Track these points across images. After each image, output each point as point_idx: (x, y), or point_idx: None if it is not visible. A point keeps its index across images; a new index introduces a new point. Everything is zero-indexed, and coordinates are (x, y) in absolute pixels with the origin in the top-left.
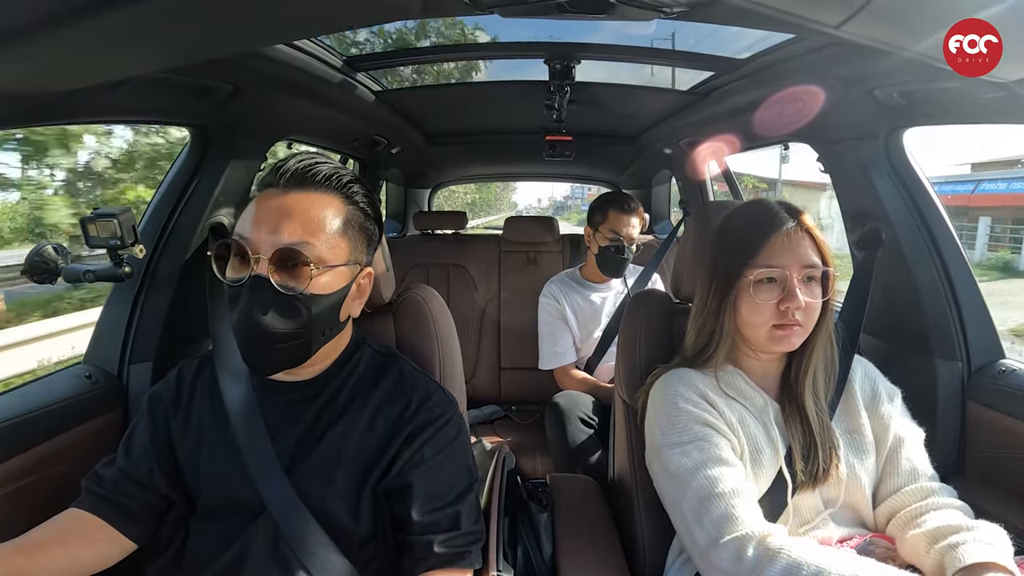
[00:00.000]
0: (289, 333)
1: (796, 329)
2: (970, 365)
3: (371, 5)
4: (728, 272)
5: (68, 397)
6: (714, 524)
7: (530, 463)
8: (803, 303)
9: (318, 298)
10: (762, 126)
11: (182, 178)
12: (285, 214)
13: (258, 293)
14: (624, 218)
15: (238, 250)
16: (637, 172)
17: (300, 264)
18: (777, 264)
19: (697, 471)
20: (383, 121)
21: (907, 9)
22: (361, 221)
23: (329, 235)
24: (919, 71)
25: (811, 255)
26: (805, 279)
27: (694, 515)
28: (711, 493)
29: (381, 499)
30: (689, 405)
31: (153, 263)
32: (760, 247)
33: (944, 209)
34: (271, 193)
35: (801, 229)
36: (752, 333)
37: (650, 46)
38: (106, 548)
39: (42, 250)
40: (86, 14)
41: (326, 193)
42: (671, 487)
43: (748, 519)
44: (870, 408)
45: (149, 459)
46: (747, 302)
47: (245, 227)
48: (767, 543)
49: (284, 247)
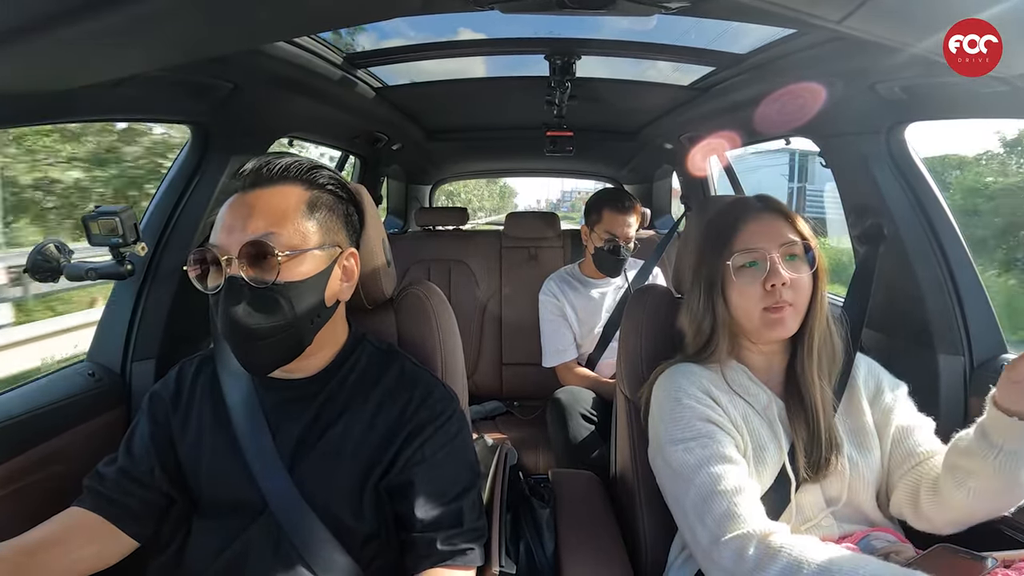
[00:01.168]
0: (273, 327)
1: (788, 310)
2: (972, 360)
3: (371, 1)
4: (710, 264)
5: (71, 395)
6: (716, 522)
7: (532, 459)
8: (787, 278)
9: (294, 286)
10: (763, 121)
11: (183, 176)
12: (248, 212)
13: (235, 293)
14: (619, 218)
15: (211, 257)
16: (638, 167)
17: (268, 255)
18: (754, 246)
19: (700, 468)
20: (383, 118)
21: (909, 5)
22: (330, 203)
23: (295, 222)
24: (921, 66)
25: (787, 233)
26: (786, 257)
27: (696, 513)
28: (713, 491)
29: (383, 496)
30: (692, 401)
31: (155, 261)
32: (735, 233)
33: (947, 204)
34: (235, 198)
35: (771, 210)
36: (746, 321)
37: (650, 41)
38: (107, 546)
39: (44, 248)
40: (87, 13)
41: (286, 184)
42: (673, 484)
43: (750, 517)
44: (874, 403)
45: (150, 458)
46: (734, 290)
47: (215, 235)
48: (768, 542)
49: (249, 241)
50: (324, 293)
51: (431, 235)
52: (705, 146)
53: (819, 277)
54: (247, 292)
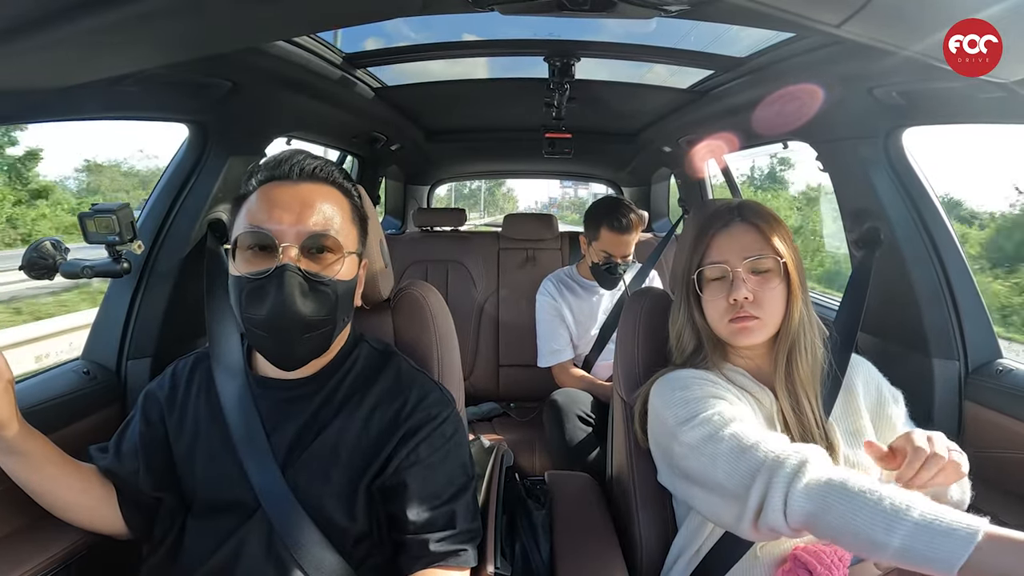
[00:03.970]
0: (320, 320)
1: (753, 322)
2: (967, 364)
3: (371, 1)
4: (685, 275)
5: (66, 393)
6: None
7: (528, 460)
8: (747, 294)
9: (341, 284)
10: (761, 125)
11: (180, 175)
12: (306, 203)
13: (293, 280)
14: (617, 238)
15: (261, 241)
16: (636, 170)
17: (326, 251)
18: (718, 259)
19: (719, 432)
20: (382, 118)
21: (908, 8)
22: (360, 215)
23: (346, 224)
24: (919, 71)
25: (754, 246)
26: (752, 270)
27: (738, 476)
28: (743, 446)
29: (377, 497)
30: (696, 383)
31: (152, 259)
32: (705, 246)
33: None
34: (282, 185)
35: (743, 222)
36: (718, 329)
37: (650, 44)
38: (102, 509)
39: (40, 246)
40: (85, 10)
41: (330, 186)
42: (698, 461)
43: (794, 449)
44: (875, 411)
45: (136, 460)
46: (706, 301)
47: (260, 219)
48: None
49: (313, 234)
50: (354, 297)
51: (429, 236)
52: (703, 149)
53: (791, 291)
54: (303, 282)
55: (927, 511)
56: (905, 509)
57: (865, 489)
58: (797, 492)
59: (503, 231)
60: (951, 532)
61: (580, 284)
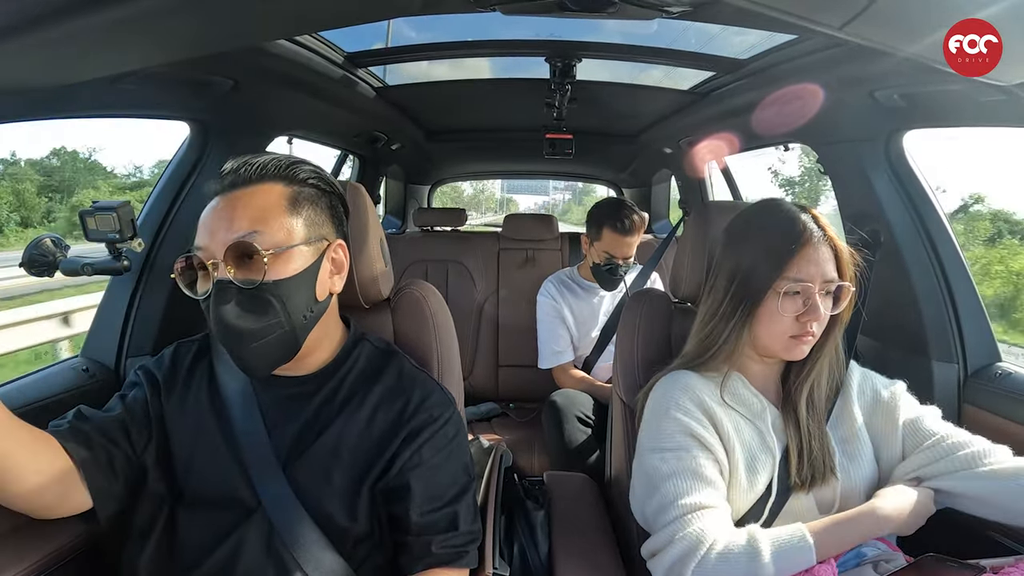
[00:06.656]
0: (266, 327)
1: (809, 339)
2: (966, 368)
3: (371, 1)
4: (754, 281)
5: (65, 390)
6: (665, 528)
7: (527, 461)
8: (822, 316)
9: (284, 283)
10: (762, 126)
11: (181, 173)
12: (229, 214)
13: (224, 296)
14: (619, 239)
15: (197, 263)
16: (637, 171)
17: (253, 254)
18: (804, 278)
19: (668, 479)
20: (383, 117)
21: (910, 10)
22: (313, 196)
23: (279, 219)
24: (919, 73)
25: (831, 270)
26: (824, 293)
27: (653, 519)
28: (673, 503)
29: (378, 498)
30: (680, 414)
31: (152, 257)
32: (789, 259)
33: (943, 212)
34: (216, 201)
35: (825, 241)
36: (769, 341)
37: (651, 45)
38: (55, 489)
39: (40, 243)
40: (86, 8)
41: (267, 182)
42: (643, 489)
43: (704, 530)
44: (873, 410)
45: (121, 428)
46: (769, 313)
47: (199, 240)
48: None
49: (234, 242)
50: (315, 288)
51: (429, 236)
52: (704, 150)
53: (841, 315)
54: (236, 294)
55: (773, 548)
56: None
57: (741, 554)
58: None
59: (503, 231)
60: (798, 548)
61: (581, 285)
